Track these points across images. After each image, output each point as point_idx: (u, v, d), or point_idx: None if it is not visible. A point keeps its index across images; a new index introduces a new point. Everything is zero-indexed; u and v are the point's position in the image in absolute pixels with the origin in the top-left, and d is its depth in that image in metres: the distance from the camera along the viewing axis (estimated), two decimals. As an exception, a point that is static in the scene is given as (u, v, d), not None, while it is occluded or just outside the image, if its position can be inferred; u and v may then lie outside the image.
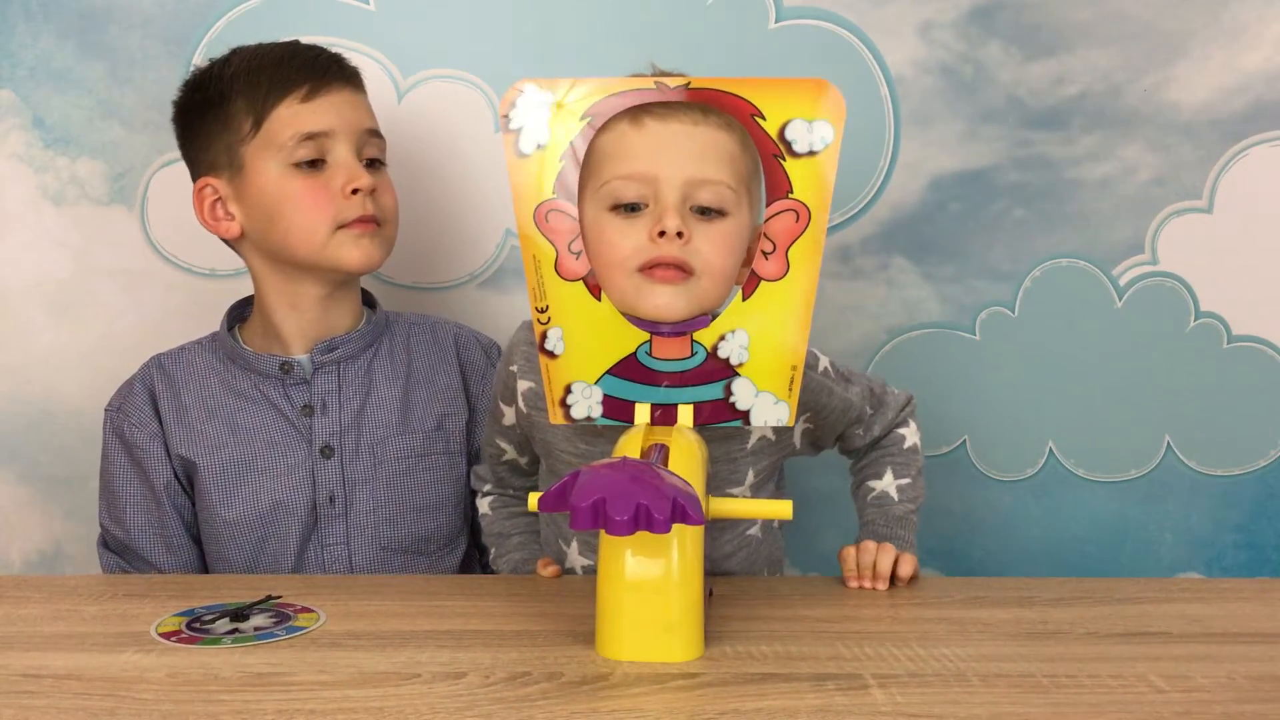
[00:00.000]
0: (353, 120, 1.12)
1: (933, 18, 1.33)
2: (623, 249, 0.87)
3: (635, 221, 0.88)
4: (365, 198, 1.11)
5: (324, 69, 1.12)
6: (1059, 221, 1.36)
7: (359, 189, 1.10)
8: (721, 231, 0.88)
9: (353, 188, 1.10)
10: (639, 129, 0.88)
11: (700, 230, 0.88)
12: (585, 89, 0.86)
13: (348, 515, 1.14)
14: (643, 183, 0.87)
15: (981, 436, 1.39)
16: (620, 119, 0.88)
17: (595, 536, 0.94)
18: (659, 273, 0.87)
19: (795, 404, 0.88)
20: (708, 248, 0.88)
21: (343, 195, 1.10)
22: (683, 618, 0.76)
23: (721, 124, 0.89)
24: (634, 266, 0.87)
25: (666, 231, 0.86)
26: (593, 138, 0.87)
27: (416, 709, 0.67)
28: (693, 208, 0.88)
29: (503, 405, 1.05)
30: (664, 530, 0.68)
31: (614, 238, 0.88)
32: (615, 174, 0.87)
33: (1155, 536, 1.39)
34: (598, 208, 0.88)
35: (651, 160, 0.87)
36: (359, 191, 1.11)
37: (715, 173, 0.88)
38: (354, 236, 1.11)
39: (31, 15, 1.33)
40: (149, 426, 1.15)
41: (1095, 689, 0.71)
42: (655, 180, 0.87)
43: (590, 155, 0.88)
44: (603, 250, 0.88)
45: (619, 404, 0.89)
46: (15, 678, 0.73)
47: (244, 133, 1.10)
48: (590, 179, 0.89)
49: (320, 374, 1.15)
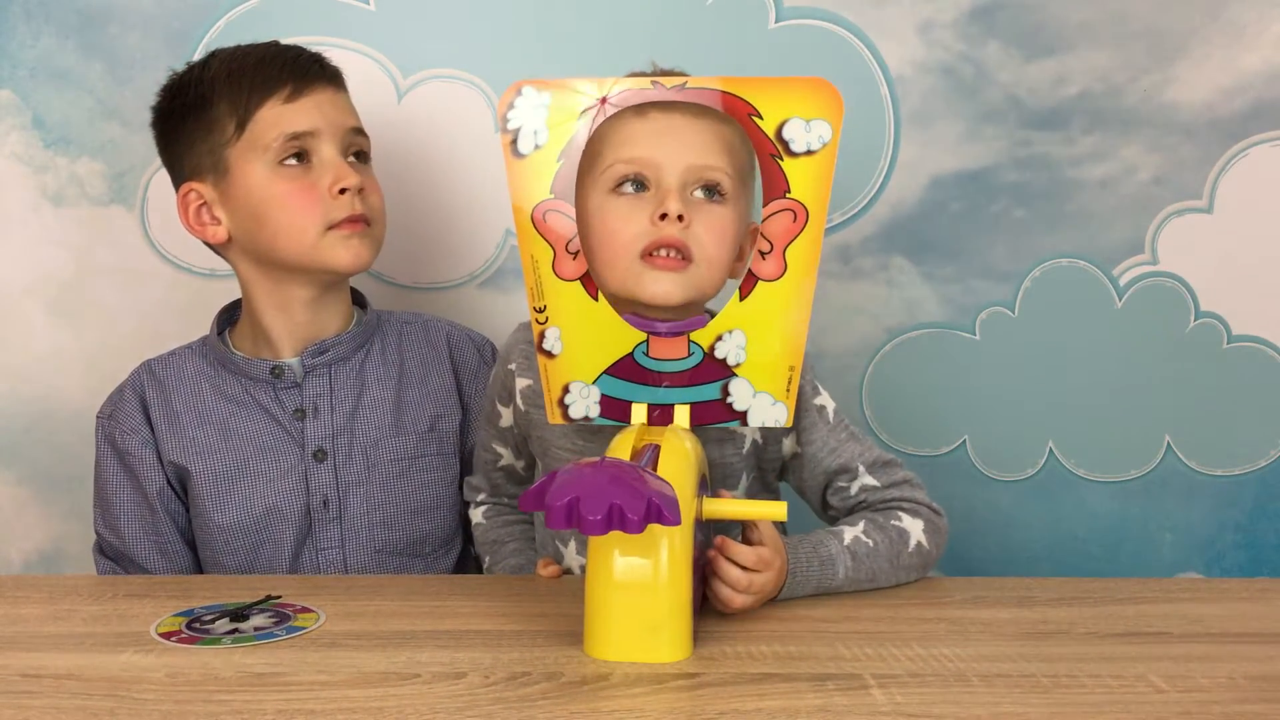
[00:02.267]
0: (336, 119, 1.11)
1: (933, 18, 1.33)
2: (625, 233, 0.88)
3: (637, 205, 0.89)
4: (353, 197, 1.10)
5: (305, 69, 1.11)
6: (1059, 221, 1.36)
7: (347, 188, 1.09)
8: (720, 217, 0.90)
9: (340, 187, 1.09)
10: (643, 118, 0.89)
11: (700, 215, 0.89)
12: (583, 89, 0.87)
13: (342, 519, 1.13)
14: (645, 167, 0.89)
15: (981, 436, 1.39)
16: (623, 112, 0.88)
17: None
18: (660, 260, 0.88)
19: (793, 404, 0.88)
20: (706, 234, 0.89)
21: (330, 195, 1.09)
22: (670, 618, 0.76)
23: (721, 118, 0.90)
24: (636, 251, 0.88)
25: (668, 214, 0.87)
26: (594, 131, 0.87)
27: (416, 709, 0.67)
28: (694, 190, 0.89)
29: (499, 406, 1.05)
30: (637, 530, 0.68)
31: (616, 223, 0.89)
32: (618, 157, 0.89)
33: (1155, 536, 1.39)
34: (600, 192, 0.90)
35: (655, 146, 0.89)
36: (347, 191, 1.09)
37: (716, 159, 0.89)
38: (343, 237, 1.10)
39: (31, 15, 1.33)
40: (140, 433, 1.14)
41: (1095, 689, 0.71)
42: (658, 166, 0.89)
43: (592, 144, 0.88)
44: (605, 235, 0.89)
45: (616, 404, 0.89)
46: (15, 678, 0.73)
47: (228, 135, 1.09)
48: (592, 166, 0.90)
49: (311, 377, 1.14)
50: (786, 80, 0.86)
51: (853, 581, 0.91)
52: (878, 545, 0.92)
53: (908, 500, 0.97)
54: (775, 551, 0.86)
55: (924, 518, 0.96)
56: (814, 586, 0.90)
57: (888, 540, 0.93)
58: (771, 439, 0.99)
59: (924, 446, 1.38)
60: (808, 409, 0.98)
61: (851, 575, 0.91)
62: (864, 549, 0.91)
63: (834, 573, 0.90)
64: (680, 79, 0.87)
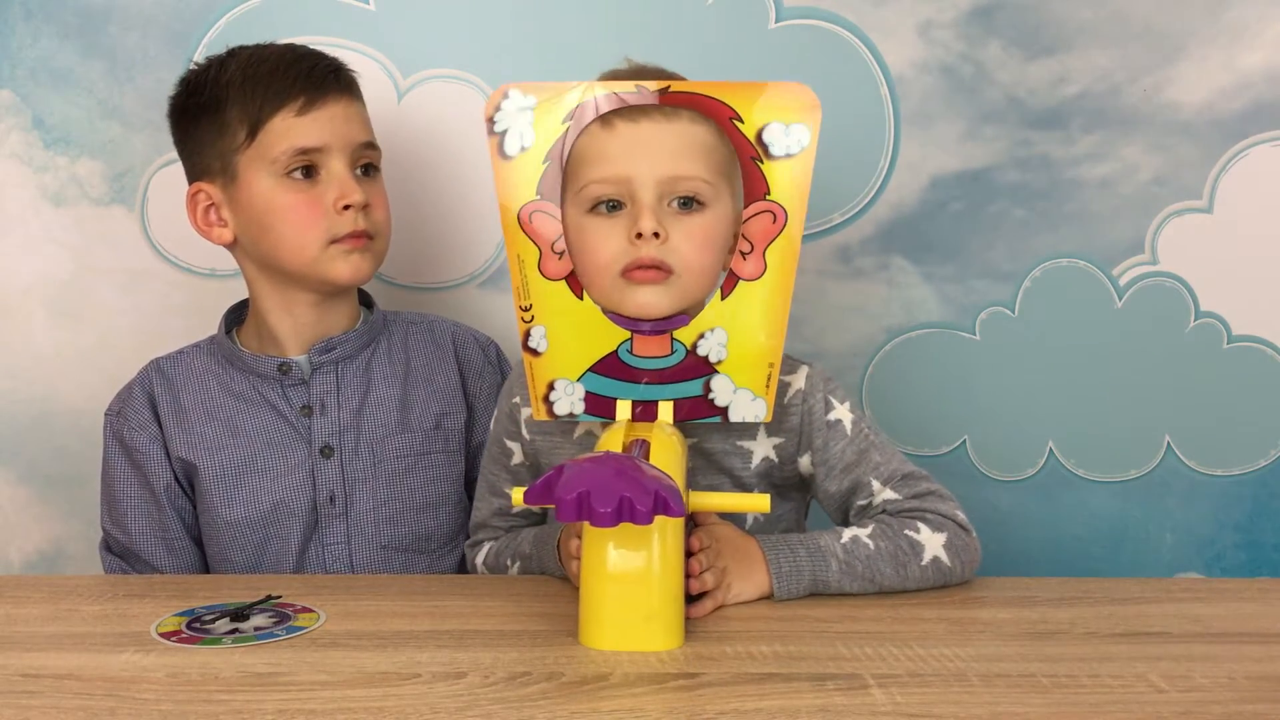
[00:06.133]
0: (347, 134, 1.12)
1: (933, 18, 1.33)
2: (604, 254, 0.88)
3: (615, 224, 0.89)
4: (357, 213, 1.11)
5: (321, 79, 1.11)
6: (1059, 221, 1.36)
7: (351, 205, 1.10)
8: (700, 225, 0.89)
9: (345, 203, 1.10)
10: (610, 131, 0.89)
11: (678, 227, 0.88)
12: (567, 93, 0.88)
13: (348, 515, 1.14)
14: (618, 184, 0.88)
15: (981, 436, 1.39)
16: (593, 122, 0.89)
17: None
18: (639, 274, 0.88)
19: (772, 400, 0.90)
20: (685, 245, 0.88)
21: (335, 210, 1.10)
22: (664, 607, 0.78)
23: (694, 118, 0.89)
24: (616, 270, 0.88)
25: (644, 233, 0.87)
26: (572, 142, 0.89)
27: (416, 709, 0.67)
28: (670, 202, 0.89)
29: (509, 444, 1.04)
30: (646, 521, 0.70)
31: (595, 243, 0.89)
32: (591, 178, 0.89)
33: (1155, 536, 1.39)
34: (578, 212, 0.90)
35: (625, 162, 0.88)
36: (351, 207, 1.10)
37: (690, 168, 0.88)
38: (344, 252, 1.11)
39: (31, 15, 1.33)
40: (149, 430, 1.15)
41: (1095, 689, 0.71)
42: (630, 181, 0.88)
43: (568, 160, 0.89)
44: (585, 254, 0.90)
45: (601, 400, 0.91)
46: (15, 678, 0.73)
47: (238, 142, 1.10)
48: (570, 184, 0.90)
49: (318, 374, 1.15)
50: (766, 85, 0.88)
51: (849, 577, 0.89)
52: (880, 549, 0.90)
53: (932, 512, 0.93)
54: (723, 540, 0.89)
55: (949, 532, 0.92)
56: (808, 579, 0.89)
57: (894, 547, 0.90)
58: (786, 458, 0.98)
59: (924, 446, 1.38)
60: (820, 427, 0.97)
61: (846, 570, 0.89)
62: (864, 549, 0.90)
63: (826, 565, 0.89)
64: (663, 82, 0.88)
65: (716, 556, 0.88)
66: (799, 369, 0.98)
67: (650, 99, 0.88)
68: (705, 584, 0.86)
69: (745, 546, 0.90)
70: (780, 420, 0.96)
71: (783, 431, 0.97)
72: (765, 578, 0.89)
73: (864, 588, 0.90)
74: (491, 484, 1.07)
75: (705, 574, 0.86)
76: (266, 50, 1.13)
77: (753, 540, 0.91)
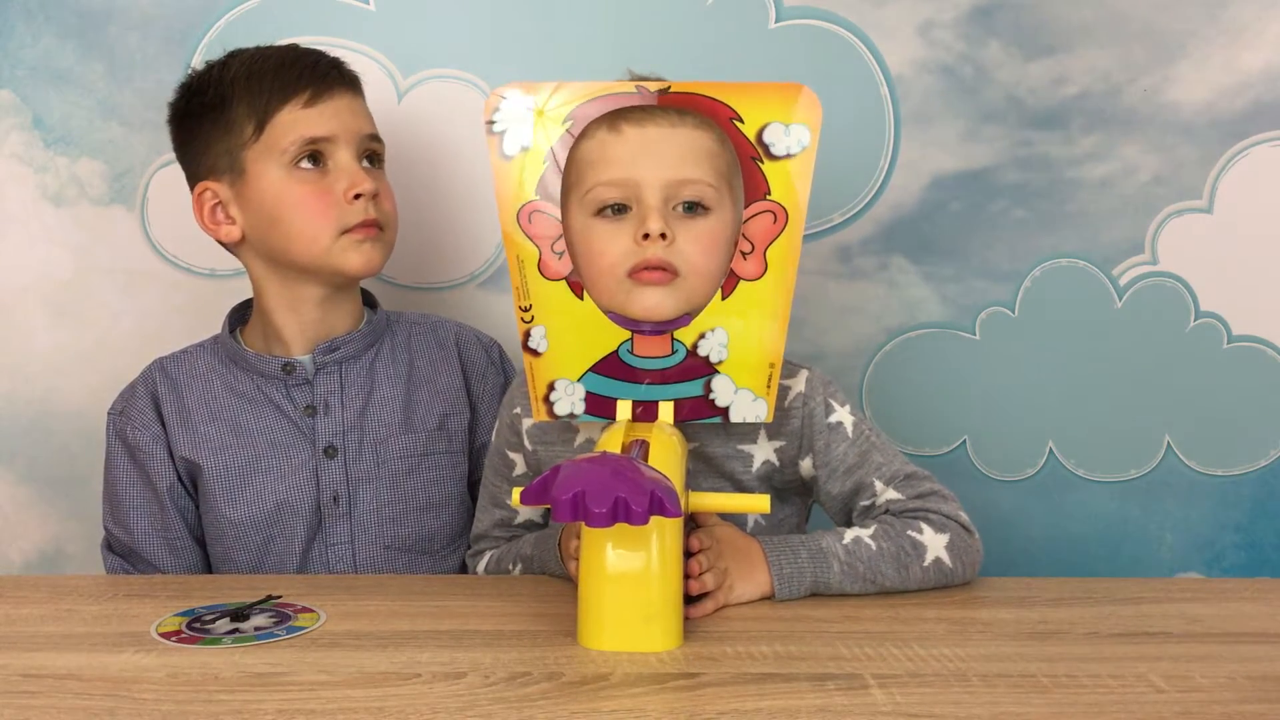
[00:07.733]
0: (353, 125, 1.13)
1: (933, 18, 1.33)
2: (610, 255, 0.89)
3: (621, 226, 0.89)
4: (367, 202, 1.11)
5: (325, 74, 1.12)
6: (1059, 221, 1.36)
7: (361, 194, 1.11)
8: (706, 229, 0.89)
9: (355, 193, 1.11)
10: (617, 135, 0.89)
11: (684, 230, 0.88)
12: (566, 94, 0.89)
13: (352, 515, 1.14)
14: (625, 188, 0.88)
15: (981, 436, 1.39)
16: (599, 126, 0.89)
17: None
18: (646, 275, 0.88)
19: (773, 401, 0.90)
20: (691, 248, 0.88)
21: (345, 200, 1.11)
22: (662, 608, 0.78)
23: (698, 123, 0.89)
24: (622, 272, 0.88)
25: (650, 234, 0.87)
26: (574, 145, 0.89)
27: (416, 709, 0.67)
28: (675, 206, 0.89)
29: (511, 455, 1.04)
30: (642, 522, 0.70)
31: (601, 244, 0.89)
32: (598, 180, 0.89)
33: (1155, 536, 1.39)
34: (584, 215, 0.90)
35: (632, 165, 0.88)
36: (361, 196, 1.11)
37: (695, 172, 0.88)
38: (356, 242, 1.11)
39: (31, 15, 1.33)
40: (152, 429, 1.15)
41: (1095, 689, 0.71)
42: (637, 184, 0.88)
43: (572, 163, 0.90)
44: (591, 257, 0.89)
45: (601, 401, 0.91)
46: (15, 678, 0.73)
47: (246, 137, 1.10)
48: (574, 187, 0.90)
49: (322, 374, 1.15)
50: (767, 85, 0.88)
51: (851, 578, 0.89)
52: (883, 550, 0.90)
53: (934, 513, 0.93)
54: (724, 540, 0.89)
55: (951, 534, 0.92)
56: (810, 580, 0.89)
57: (896, 548, 0.90)
58: (787, 462, 0.98)
59: (924, 446, 1.38)
60: (821, 430, 0.97)
61: (848, 571, 0.89)
62: (866, 550, 0.90)
63: (827, 567, 0.89)
64: (661, 84, 0.88)
65: (717, 557, 0.88)
66: (799, 373, 0.98)
67: (650, 100, 0.88)
68: (705, 585, 0.86)
69: (746, 547, 0.90)
70: (781, 424, 0.96)
71: (783, 435, 0.97)
72: (766, 579, 0.89)
73: (865, 588, 0.90)
74: (493, 495, 1.07)
75: (706, 575, 0.86)
76: (268, 49, 1.14)
77: (754, 541, 0.91)
